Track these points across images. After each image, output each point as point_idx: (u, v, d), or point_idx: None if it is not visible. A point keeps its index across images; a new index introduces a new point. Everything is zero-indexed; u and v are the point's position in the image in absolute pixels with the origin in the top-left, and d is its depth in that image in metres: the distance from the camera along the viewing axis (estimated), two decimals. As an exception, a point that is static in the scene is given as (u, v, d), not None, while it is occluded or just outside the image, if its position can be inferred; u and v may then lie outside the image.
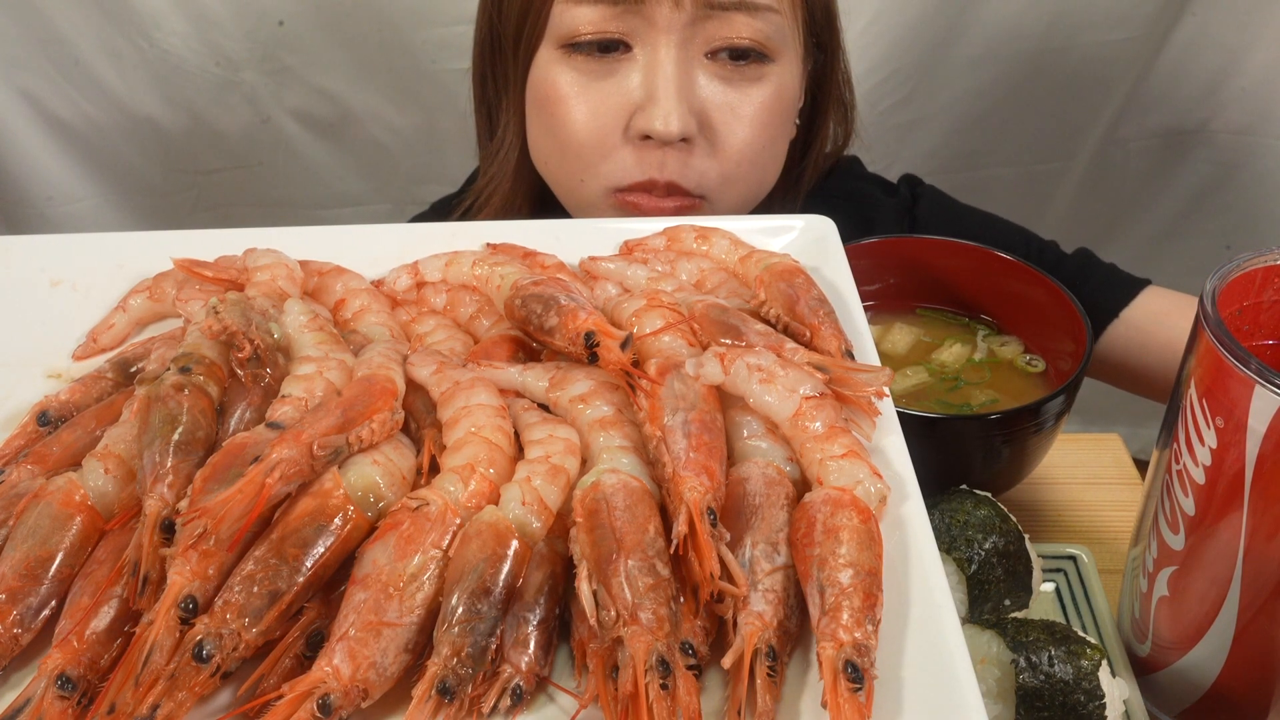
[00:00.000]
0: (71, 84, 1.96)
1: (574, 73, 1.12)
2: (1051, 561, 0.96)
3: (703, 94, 1.11)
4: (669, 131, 1.08)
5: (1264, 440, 0.66)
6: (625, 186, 1.14)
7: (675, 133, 1.08)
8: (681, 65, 1.09)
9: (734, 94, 1.13)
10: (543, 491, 0.64)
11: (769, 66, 1.14)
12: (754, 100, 1.13)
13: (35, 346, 0.84)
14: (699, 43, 1.10)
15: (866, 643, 0.56)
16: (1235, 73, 1.88)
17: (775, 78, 1.14)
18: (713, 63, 1.12)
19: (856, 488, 0.63)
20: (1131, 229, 2.11)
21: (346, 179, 2.09)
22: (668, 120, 1.08)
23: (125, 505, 0.66)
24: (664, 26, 1.08)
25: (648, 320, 0.76)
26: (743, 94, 1.13)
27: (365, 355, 0.75)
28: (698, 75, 1.11)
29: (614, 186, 1.14)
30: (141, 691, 0.55)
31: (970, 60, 1.92)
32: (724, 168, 1.14)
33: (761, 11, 1.10)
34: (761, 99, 1.14)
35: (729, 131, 1.13)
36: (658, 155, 1.11)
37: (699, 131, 1.12)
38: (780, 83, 1.15)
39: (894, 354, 1.11)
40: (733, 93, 1.13)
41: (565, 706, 0.58)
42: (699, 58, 1.11)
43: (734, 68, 1.12)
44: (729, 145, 1.13)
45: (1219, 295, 0.72)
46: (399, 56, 1.95)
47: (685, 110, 1.09)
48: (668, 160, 1.11)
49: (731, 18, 1.09)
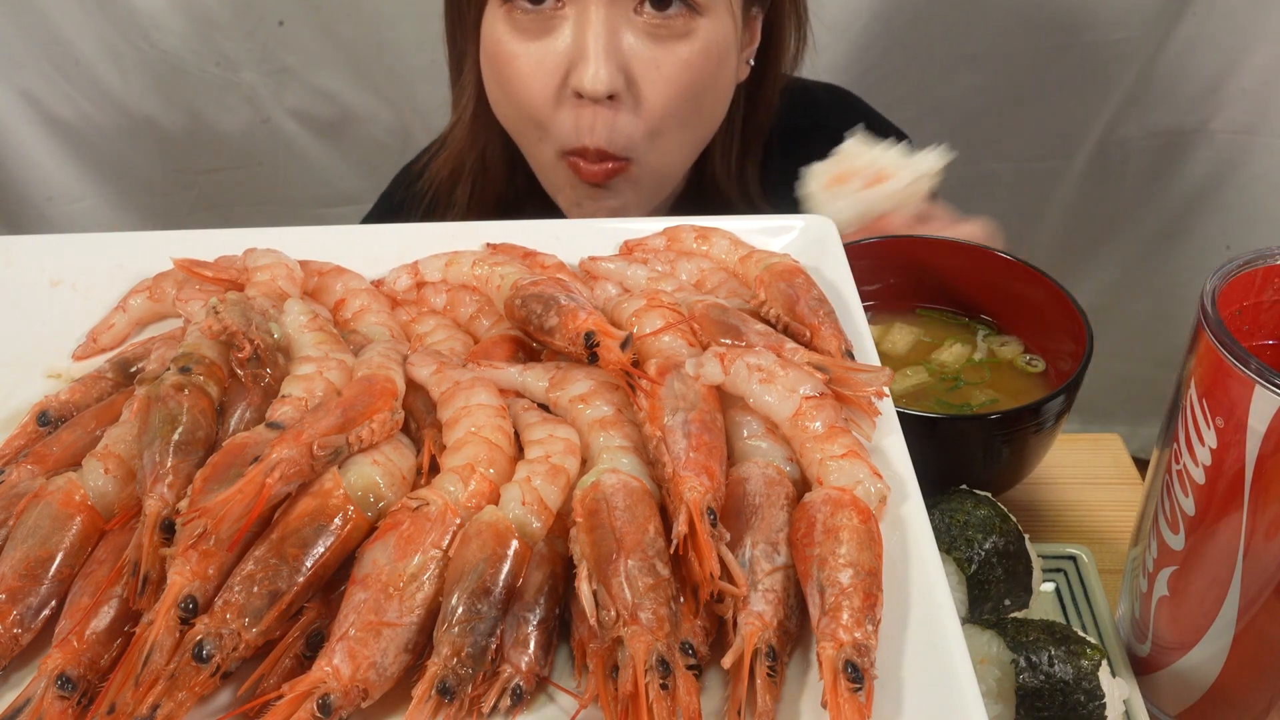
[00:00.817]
0: (71, 84, 1.96)
1: (514, 29, 1.16)
2: (1051, 561, 0.96)
3: (629, 50, 1.14)
4: (596, 90, 1.11)
5: (1264, 440, 0.66)
6: (571, 150, 1.18)
7: (602, 91, 1.11)
8: (609, 22, 1.12)
9: (659, 50, 1.15)
10: (543, 491, 0.64)
11: (698, 20, 1.15)
12: (679, 56, 1.15)
13: (35, 346, 0.84)
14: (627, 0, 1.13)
15: (866, 643, 0.56)
16: (1235, 72, 1.88)
17: (704, 33, 1.16)
18: (640, 17, 1.13)
19: (856, 488, 0.63)
20: (1131, 228, 2.11)
21: (346, 178, 2.10)
22: (595, 79, 1.11)
23: (125, 505, 0.66)
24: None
25: (648, 320, 0.76)
26: (668, 50, 1.15)
27: (365, 355, 0.75)
28: (625, 31, 1.13)
29: (564, 150, 1.19)
30: (141, 691, 0.55)
31: (969, 58, 1.92)
32: (649, 124, 1.17)
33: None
34: (687, 55, 1.15)
35: (652, 89, 1.15)
36: (589, 115, 1.15)
37: (625, 88, 1.14)
38: (709, 38, 1.16)
39: (894, 354, 1.11)
40: (658, 49, 1.15)
41: (565, 706, 0.58)
42: (627, 13, 1.13)
43: (661, 20, 1.13)
44: (652, 102, 1.16)
45: (1219, 295, 0.72)
46: (398, 55, 1.95)
47: (613, 68, 1.12)
48: (597, 123, 1.15)
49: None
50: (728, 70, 1.23)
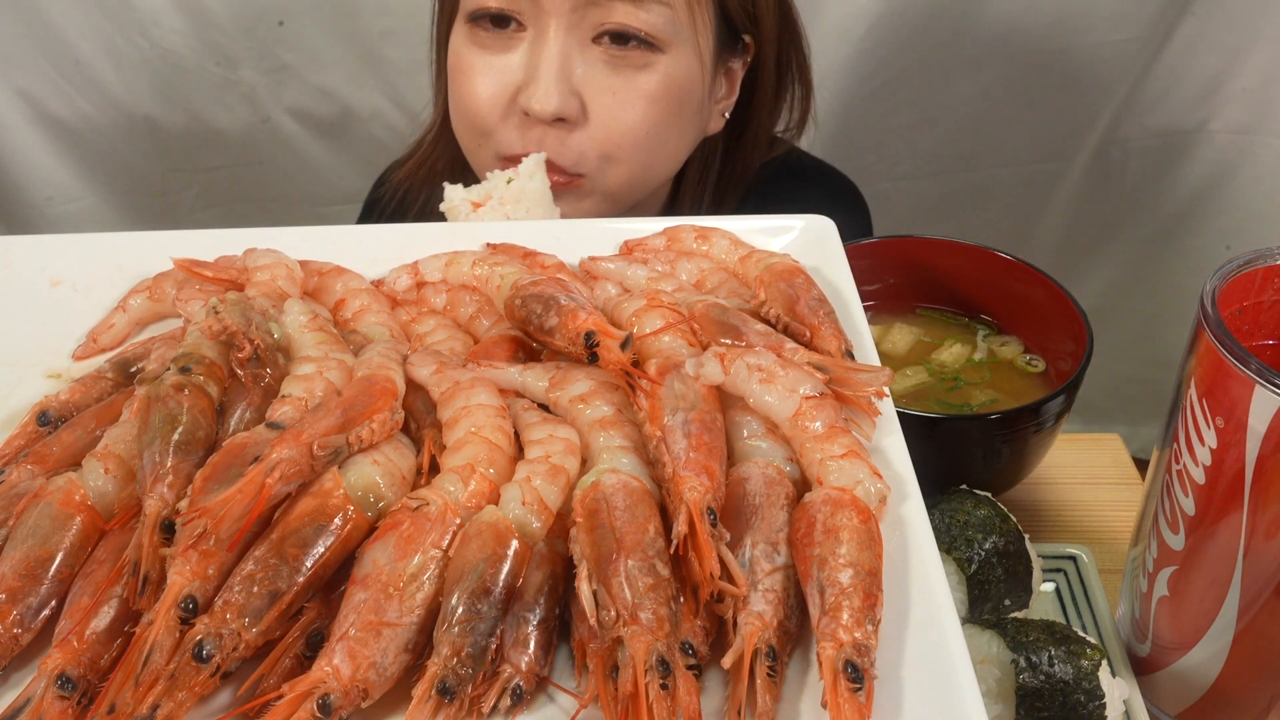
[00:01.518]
0: (71, 84, 1.96)
1: (476, 46, 1.19)
2: (1051, 561, 0.96)
3: (584, 76, 1.16)
4: (544, 111, 1.14)
5: (1264, 440, 0.66)
6: (509, 156, 1.20)
7: (550, 112, 1.14)
8: (564, 47, 1.14)
9: (616, 79, 1.17)
10: (543, 491, 0.64)
11: (657, 56, 1.17)
12: (637, 86, 1.17)
13: (35, 346, 0.84)
14: (585, 28, 1.15)
15: (866, 643, 0.56)
16: (1235, 72, 1.88)
17: (664, 68, 1.17)
18: (598, 47, 1.16)
19: (856, 488, 0.63)
20: (1131, 229, 2.11)
21: (346, 177, 2.10)
22: (545, 100, 1.14)
23: (125, 505, 0.66)
24: (549, 9, 1.13)
25: (648, 320, 0.76)
26: (626, 80, 1.17)
27: (365, 355, 0.75)
28: (579, 58, 1.15)
29: (501, 155, 1.21)
30: (141, 691, 0.55)
31: (971, 62, 1.92)
32: (603, 148, 1.19)
33: (647, 3, 1.13)
34: (645, 86, 1.17)
35: (609, 115, 1.17)
36: (538, 132, 1.17)
37: (580, 112, 1.17)
38: (669, 73, 1.18)
39: (894, 354, 1.11)
40: (615, 78, 1.17)
41: (565, 706, 0.58)
42: (585, 41, 1.15)
43: (618, 53, 1.15)
44: (608, 128, 1.18)
45: (1219, 295, 0.72)
46: (397, 54, 1.95)
47: (565, 91, 1.14)
48: (546, 138, 1.17)
49: (614, 6, 1.13)
50: (689, 109, 1.24)
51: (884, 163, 2.03)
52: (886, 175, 2.05)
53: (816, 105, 1.42)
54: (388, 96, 2.02)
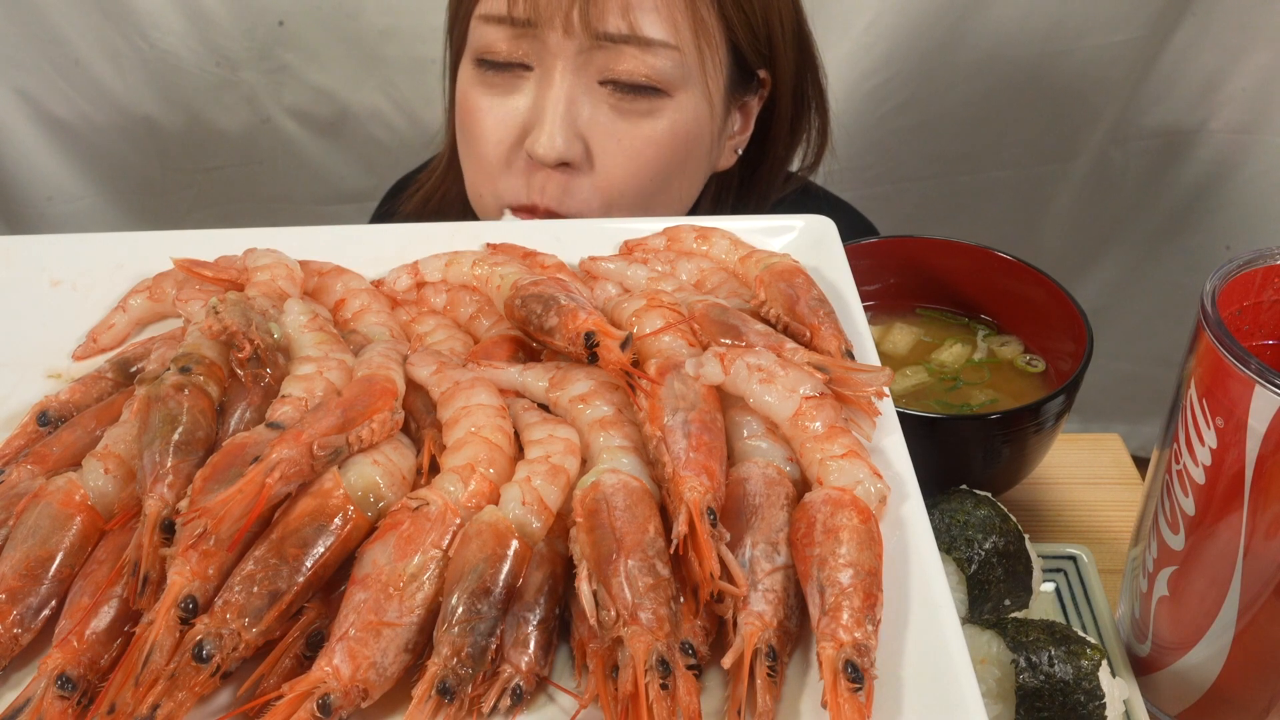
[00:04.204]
0: (70, 84, 1.96)
1: (483, 86, 1.16)
2: (1051, 561, 0.96)
3: (589, 120, 1.13)
4: (548, 155, 1.11)
5: (1264, 440, 0.66)
6: (513, 205, 1.18)
7: (554, 157, 1.11)
8: (571, 91, 1.11)
9: (622, 124, 1.14)
10: (543, 491, 0.64)
11: (663, 101, 1.14)
12: (643, 132, 1.14)
13: (35, 346, 0.84)
14: (591, 71, 1.12)
15: (866, 643, 0.56)
16: (1235, 72, 1.88)
17: (671, 112, 1.14)
18: (604, 90, 1.13)
19: (856, 488, 0.63)
20: (1132, 229, 2.11)
21: (346, 177, 2.10)
22: (550, 144, 1.11)
23: (125, 505, 0.66)
24: (556, 52, 1.11)
25: (648, 320, 0.76)
26: (632, 125, 1.14)
27: (365, 355, 0.75)
28: (586, 101, 1.13)
29: (505, 203, 1.19)
30: (141, 691, 0.55)
31: (971, 64, 1.92)
32: (607, 196, 1.16)
33: (655, 47, 1.10)
34: (651, 132, 1.14)
35: (612, 161, 1.15)
36: (541, 178, 1.15)
37: (584, 157, 1.14)
38: (676, 118, 1.15)
39: (894, 354, 1.11)
40: (621, 123, 1.14)
41: (565, 706, 0.58)
42: (592, 85, 1.12)
43: (625, 97, 1.13)
44: (611, 174, 1.15)
45: (1219, 295, 0.72)
46: (397, 54, 1.95)
47: (570, 135, 1.11)
48: (549, 186, 1.15)
49: (622, 50, 1.10)
50: (698, 153, 1.21)
51: (884, 164, 2.03)
52: (887, 177, 2.05)
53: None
54: (387, 96, 2.01)
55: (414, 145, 2.05)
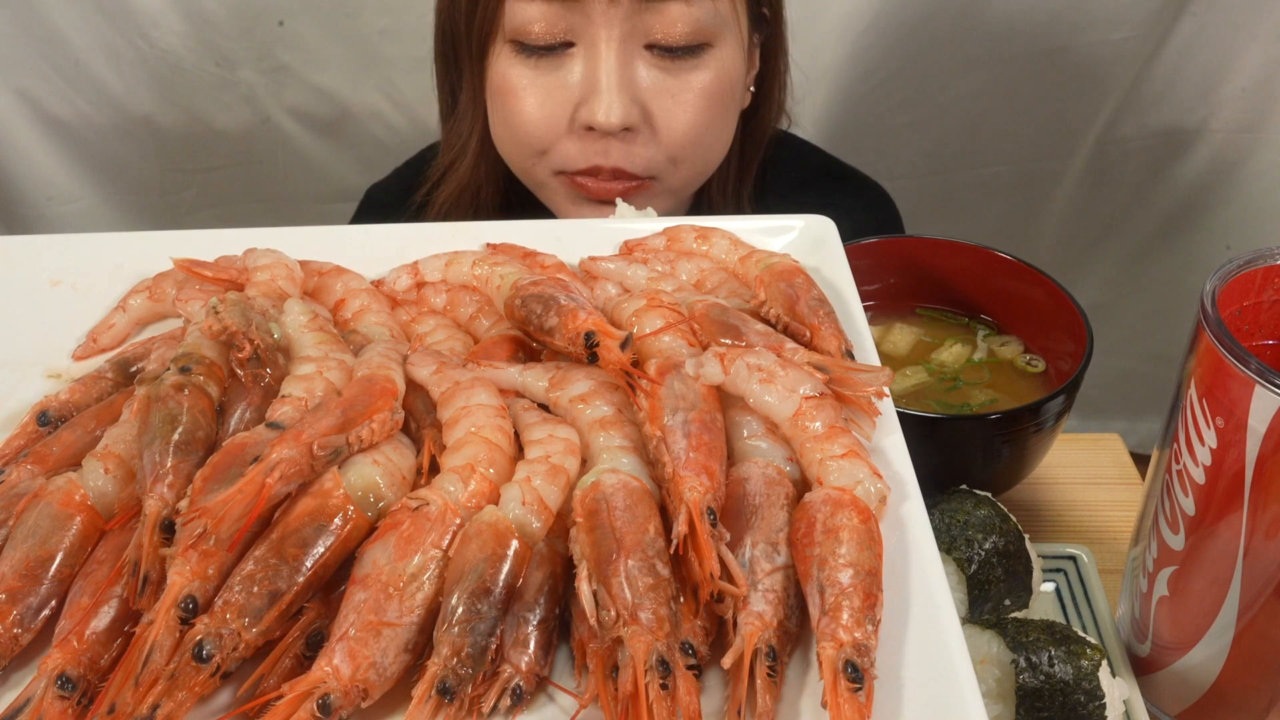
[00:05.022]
0: (70, 84, 1.96)
1: (524, 67, 1.18)
2: (1051, 561, 0.96)
3: (643, 84, 1.16)
4: (610, 123, 1.13)
5: (1264, 440, 0.66)
6: (571, 171, 1.20)
7: (616, 124, 1.13)
8: (621, 58, 1.14)
9: (674, 81, 1.17)
10: (543, 491, 0.64)
11: (707, 52, 1.17)
12: (694, 86, 1.17)
13: (35, 346, 0.84)
14: (638, 35, 1.14)
15: (866, 643, 0.56)
16: (1234, 72, 1.88)
17: (716, 61, 1.18)
18: (650, 52, 1.15)
19: (856, 488, 0.63)
20: (1130, 228, 2.11)
21: (345, 176, 2.10)
22: (609, 112, 1.13)
23: (125, 505, 0.66)
24: (602, 21, 1.12)
25: (648, 320, 0.76)
26: (683, 81, 1.17)
27: (365, 355, 0.75)
28: (638, 66, 1.15)
29: (561, 170, 1.20)
30: (141, 691, 0.55)
31: (970, 60, 1.92)
32: (670, 151, 1.19)
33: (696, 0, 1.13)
34: (702, 84, 1.18)
35: (671, 118, 1.18)
36: (601, 144, 1.17)
37: (642, 120, 1.16)
38: (721, 65, 1.19)
39: (894, 354, 1.11)
40: (672, 80, 1.17)
41: (565, 706, 0.58)
42: (639, 49, 1.15)
43: (672, 55, 1.15)
44: (672, 130, 1.18)
45: (1219, 295, 0.72)
46: (397, 53, 1.96)
47: (627, 101, 1.14)
48: (611, 149, 1.17)
49: (666, 8, 1.12)
50: (737, 95, 1.26)
51: (882, 161, 2.03)
52: (885, 174, 2.04)
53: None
54: (387, 96, 2.02)
55: (414, 144, 2.05)
